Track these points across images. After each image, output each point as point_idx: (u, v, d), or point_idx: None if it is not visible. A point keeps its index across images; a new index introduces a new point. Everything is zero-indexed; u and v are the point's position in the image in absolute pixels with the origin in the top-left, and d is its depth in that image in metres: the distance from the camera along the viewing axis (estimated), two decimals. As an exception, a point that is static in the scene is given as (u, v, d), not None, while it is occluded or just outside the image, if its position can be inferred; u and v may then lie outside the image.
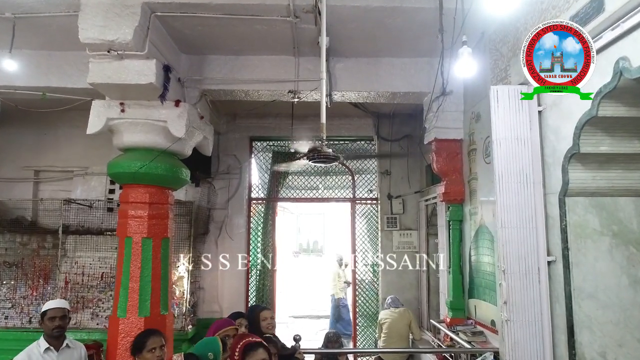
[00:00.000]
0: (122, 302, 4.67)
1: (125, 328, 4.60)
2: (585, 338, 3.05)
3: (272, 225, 7.32)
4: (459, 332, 4.62)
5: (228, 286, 6.96)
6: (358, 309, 7.21)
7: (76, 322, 6.19)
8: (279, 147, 7.49)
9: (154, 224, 4.81)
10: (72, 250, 6.45)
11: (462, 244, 5.11)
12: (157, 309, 4.76)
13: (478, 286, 4.66)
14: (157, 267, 4.81)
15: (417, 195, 6.95)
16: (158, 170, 4.74)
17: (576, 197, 3.18)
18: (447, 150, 5.14)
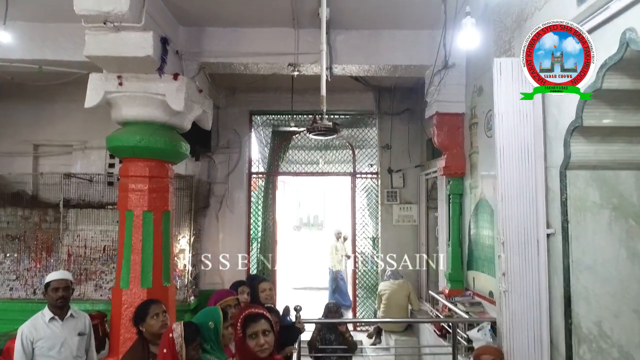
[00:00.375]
0: (124, 274, 4.73)
1: (128, 299, 4.67)
2: (582, 309, 3.10)
3: (272, 199, 7.35)
4: (457, 303, 4.69)
5: (229, 259, 7.02)
6: (358, 281, 7.31)
7: (80, 294, 6.30)
8: (279, 121, 7.44)
9: (154, 197, 4.83)
10: (74, 224, 6.51)
11: (461, 217, 5.14)
12: (159, 280, 4.82)
13: (477, 258, 4.71)
14: (159, 240, 4.85)
15: (417, 169, 6.95)
16: (157, 144, 4.72)
17: (577, 170, 3.17)
18: (449, 124, 5.10)
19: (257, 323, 2.05)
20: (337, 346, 4.15)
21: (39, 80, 5.41)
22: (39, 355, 2.98)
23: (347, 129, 7.48)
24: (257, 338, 2.02)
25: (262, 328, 2.04)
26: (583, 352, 3.08)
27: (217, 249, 7.04)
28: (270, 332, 2.07)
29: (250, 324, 2.04)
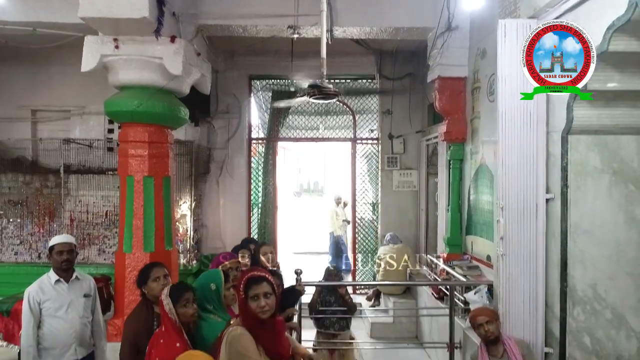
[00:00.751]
0: (127, 238, 4.79)
1: (131, 262, 4.75)
2: (578, 272, 3.16)
3: (272, 165, 7.34)
4: (455, 266, 4.77)
5: (230, 224, 7.10)
6: (358, 246, 7.40)
7: (84, 258, 6.39)
8: (278, 86, 7.34)
9: (154, 162, 4.82)
10: (75, 189, 6.53)
11: (461, 183, 5.15)
12: (162, 244, 4.89)
13: (475, 223, 4.75)
14: (160, 205, 4.89)
15: (418, 135, 6.91)
16: (156, 109, 4.68)
17: (579, 135, 3.16)
18: (451, 89, 5.04)
19: (258, 285, 2.08)
20: (336, 308, 4.25)
21: (34, 43, 5.29)
22: (46, 315, 3.05)
23: (348, 94, 7.39)
24: (258, 300, 2.07)
25: (263, 290, 2.08)
26: (577, 313, 3.16)
27: (218, 214, 7.10)
28: (271, 294, 2.12)
29: (252, 286, 2.08)
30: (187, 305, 2.31)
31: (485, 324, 3.10)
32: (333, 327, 4.23)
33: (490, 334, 3.10)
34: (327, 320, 4.25)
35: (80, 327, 3.13)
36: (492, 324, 3.11)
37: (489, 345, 3.15)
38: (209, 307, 2.38)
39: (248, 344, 2.01)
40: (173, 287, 2.38)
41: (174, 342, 2.24)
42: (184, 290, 2.34)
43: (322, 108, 7.53)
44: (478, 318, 3.16)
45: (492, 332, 3.10)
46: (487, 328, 3.10)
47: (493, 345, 3.14)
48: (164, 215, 4.93)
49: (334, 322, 4.24)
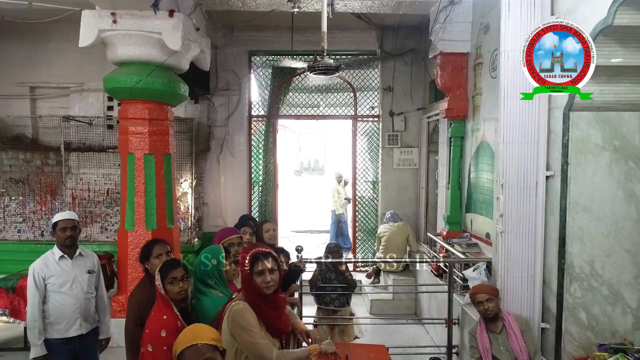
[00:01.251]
0: (129, 216, 4.82)
1: (134, 240, 4.80)
2: (576, 248, 3.18)
3: (273, 143, 7.32)
4: (455, 244, 4.81)
5: (231, 202, 7.13)
6: (358, 224, 7.44)
7: (87, 236, 6.45)
8: (278, 62, 7.26)
9: (154, 140, 4.82)
10: (76, 167, 6.54)
11: (462, 160, 5.14)
12: (164, 222, 4.93)
13: (475, 201, 4.77)
14: (161, 183, 4.91)
15: (419, 112, 6.86)
16: (156, 85, 4.64)
17: (581, 111, 3.14)
18: (453, 65, 4.98)
19: (264, 261, 2.11)
20: (337, 285, 4.30)
21: (31, 18, 5.22)
22: (51, 291, 3.09)
23: (349, 70, 7.30)
24: (263, 275, 2.09)
25: (269, 266, 2.11)
26: (574, 289, 3.19)
27: (218, 192, 7.12)
28: (276, 270, 2.14)
29: (258, 262, 2.10)
30: (173, 283, 2.34)
31: (486, 301, 3.14)
32: (333, 303, 4.29)
33: (490, 312, 3.15)
34: (327, 296, 4.31)
35: (84, 303, 3.17)
36: (492, 302, 3.15)
37: (488, 321, 3.20)
38: (211, 282, 2.41)
39: (250, 318, 2.05)
40: (164, 263, 2.42)
41: (162, 314, 2.30)
42: (171, 267, 2.38)
43: (322, 85, 7.47)
44: (478, 295, 3.19)
45: (492, 310, 3.15)
46: (487, 306, 3.14)
47: (492, 321, 3.19)
48: (165, 193, 4.95)
49: (334, 298, 4.30)
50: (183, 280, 2.36)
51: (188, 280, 2.39)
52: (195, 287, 2.44)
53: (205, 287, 2.41)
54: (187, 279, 2.39)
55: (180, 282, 2.35)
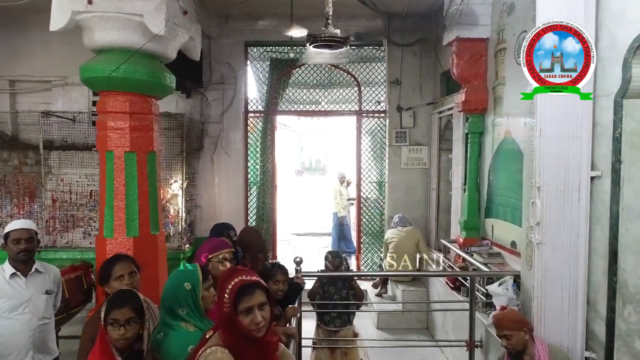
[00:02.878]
0: (108, 221, 4.29)
1: (113, 249, 4.25)
2: (630, 264, 2.64)
3: (271, 141, 6.79)
4: (474, 253, 4.29)
5: (226, 204, 6.61)
6: (362, 227, 6.89)
7: (68, 242, 5.97)
8: (277, 54, 6.73)
9: (137, 136, 4.28)
10: (57, 167, 6.04)
11: (480, 159, 4.62)
12: (147, 228, 4.39)
13: (498, 205, 4.23)
14: (144, 184, 4.37)
15: (429, 107, 6.32)
16: (138, 75, 4.11)
17: (637, 99, 2.60)
18: (470, 52, 4.46)
19: (252, 296, 1.58)
20: (337, 301, 3.77)
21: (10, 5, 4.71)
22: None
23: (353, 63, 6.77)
24: (252, 314, 1.57)
25: (258, 301, 1.59)
26: (628, 313, 2.66)
27: (213, 194, 6.61)
28: (266, 304, 1.62)
29: (244, 297, 1.57)
30: (114, 325, 1.81)
31: (505, 337, 2.64)
32: (334, 322, 3.76)
33: (511, 348, 2.65)
34: (326, 315, 3.77)
35: (39, 330, 2.66)
36: (513, 338, 2.64)
37: (513, 357, 2.69)
38: (181, 312, 1.88)
39: None
40: (111, 297, 1.89)
41: None
42: (116, 305, 1.85)
43: (324, 79, 6.92)
44: (497, 329, 2.69)
45: (513, 346, 2.64)
46: (508, 342, 2.64)
47: (519, 357, 2.67)
48: (149, 196, 4.41)
49: (334, 317, 3.76)
50: (129, 324, 1.82)
51: (138, 324, 1.85)
52: (162, 318, 1.91)
53: (173, 319, 1.88)
54: (136, 322, 1.85)
55: (123, 327, 1.81)
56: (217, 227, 3.67)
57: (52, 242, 5.97)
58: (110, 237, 4.27)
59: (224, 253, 2.60)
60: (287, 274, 3.06)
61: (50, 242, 5.95)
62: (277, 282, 2.95)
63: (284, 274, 2.99)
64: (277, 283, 2.95)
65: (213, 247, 2.65)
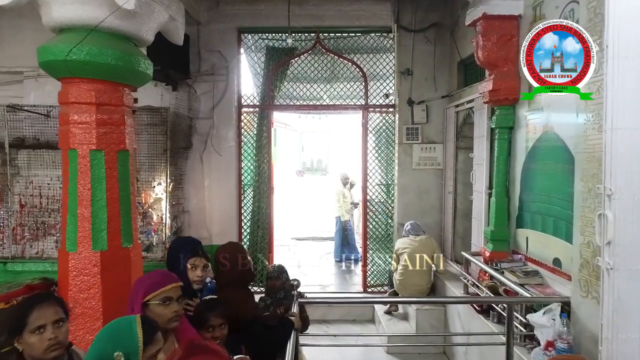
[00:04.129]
0: (70, 232, 3.60)
1: (77, 265, 3.59)
2: None
3: (267, 139, 6.11)
4: (505, 270, 3.60)
5: (218, 209, 5.94)
6: (369, 234, 6.19)
7: (38, 252, 5.31)
8: (273, 41, 6.05)
9: (105, 132, 3.60)
10: (26, 168, 5.39)
11: (509, 158, 3.93)
12: (117, 240, 3.70)
13: (534, 213, 3.55)
14: (114, 188, 3.69)
15: (444, 100, 5.64)
16: (104, 58, 3.43)
17: None
18: (499, 32, 3.77)
19: None
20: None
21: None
22: None
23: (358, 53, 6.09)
24: None
25: None
26: None
27: (202, 198, 5.93)
28: None
29: None
30: None
31: None
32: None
33: None
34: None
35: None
36: None
37: None
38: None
39: None
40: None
41: None
42: None
43: (326, 70, 6.23)
44: None
45: None
46: None
47: None
48: (120, 202, 3.73)
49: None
50: None
51: None
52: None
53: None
54: None
55: None
56: (175, 244, 3.06)
57: (21, 253, 5.31)
58: (74, 251, 3.59)
59: (166, 291, 1.87)
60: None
61: (18, 252, 5.30)
62: (210, 329, 2.30)
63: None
64: (211, 329, 2.30)
65: (150, 284, 1.92)
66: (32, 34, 5.39)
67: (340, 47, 6.02)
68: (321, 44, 5.87)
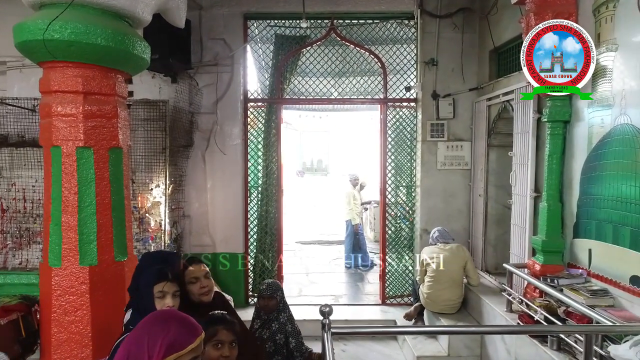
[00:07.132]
0: (54, 244, 3.08)
1: (61, 282, 3.06)
2: None
3: (276, 136, 5.57)
4: (563, 287, 3.08)
5: (222, 213, 5.40)
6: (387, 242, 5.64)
7: (22, 262, 4.77)
8: (283, 29, 5.50)
9: (93, 126, 3.07)
10: (8, 169, 4.88)
11: (564, 157, 3.41)
12: (109, 253, 3.17)
13: (601, 221, 3.02)
14: (105, 192, 3.16)
15: (472, 93, 5.12)
16: (92, 37, 2.90)
17: None
18: (555, 10, 3.21)
19: None
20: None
21: None
22: None
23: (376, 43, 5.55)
24: None
25: None
26: None
27: (205, 201, 5.40)
28: None
29: None
30: None
31: None
32: None
33: None
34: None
35: None
36: None
37: None
38: None
39: None
40: None
41: None
42: None
43: (341, 61, 5.68)
44: None
45: None
46: None
47: None
48: (113, 208, 3.20)
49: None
50: None
51: None
52: None
53: None
54: None
55: None
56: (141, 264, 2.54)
57: (2, 263, 4.77)
58: (57, 266, 3.05)
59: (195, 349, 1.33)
60: (236, 332, 1.94)
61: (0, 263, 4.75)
62: (219, 345, 1.96)
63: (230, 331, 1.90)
64: (219, 345, 1.97)
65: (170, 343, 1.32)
66: (16, 19, 4.82)
67: (357, 37, 5.48)
68: (336, 32, 5.33)
